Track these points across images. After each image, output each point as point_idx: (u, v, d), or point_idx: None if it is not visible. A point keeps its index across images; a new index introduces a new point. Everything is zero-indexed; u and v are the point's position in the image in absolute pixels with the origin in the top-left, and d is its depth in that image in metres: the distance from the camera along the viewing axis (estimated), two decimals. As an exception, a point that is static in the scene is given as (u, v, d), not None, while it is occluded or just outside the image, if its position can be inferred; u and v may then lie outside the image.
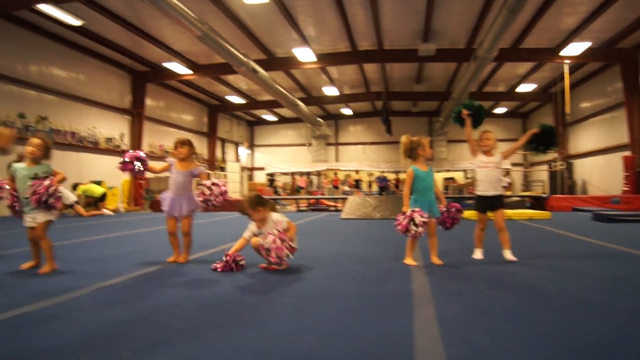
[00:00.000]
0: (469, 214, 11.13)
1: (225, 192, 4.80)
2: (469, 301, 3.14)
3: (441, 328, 2.49)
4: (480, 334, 2.41)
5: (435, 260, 4.68)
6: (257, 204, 4.41)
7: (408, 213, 4.50)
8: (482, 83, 22.38)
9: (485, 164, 4.92)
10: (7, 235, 7.87)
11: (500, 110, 28.41)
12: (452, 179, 28.15)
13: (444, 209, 4.85)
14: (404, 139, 4.82)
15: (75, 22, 13.39)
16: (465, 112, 5.09)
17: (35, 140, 4.39)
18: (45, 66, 15.79)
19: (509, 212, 11.42)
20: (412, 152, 4.76)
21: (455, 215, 4.88)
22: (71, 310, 2.95)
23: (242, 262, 4.45)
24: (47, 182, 4.18)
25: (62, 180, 4.44)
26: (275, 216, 4.47)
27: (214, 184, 4.76)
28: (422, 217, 4.44)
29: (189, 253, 5.02)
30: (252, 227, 4.52)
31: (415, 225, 4.41)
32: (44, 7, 12.28)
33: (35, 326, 2.57)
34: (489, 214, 4.90)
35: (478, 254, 5.00)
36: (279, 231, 4.28)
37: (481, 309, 2.90)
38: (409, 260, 4.65)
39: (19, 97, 14.81)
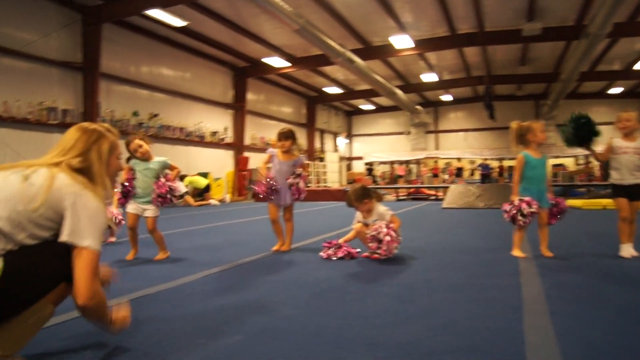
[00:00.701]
0: (577, 203, 10.42)
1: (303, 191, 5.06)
2: (583, 296, 2.96)
3: (554, 324, 2.38)
4: (596, 331, 2.27)
5: (545, 252, 4.45)
6: (364, 196, 4.47)
7: (516, 203, 4.31)
8: (595, 62, 20.74)
9: (623, 149, 4.38)
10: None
11: (615, 90, 26.25)
12: (561, 165, 26.52)
13: (552, 203, 4.53)
14: (513, 124, 4.60)
15: (181, 23, 14.12)
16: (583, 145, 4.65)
17: (138, 141, 4.60)
18: (155, 67, 16.89)
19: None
20: (522, 138, 4.53)
21: (557, 213, 4.51)
22: (185, 294, 3.16)
23: (355, 252, 4.53)
24: (168, 183, 4.50)
25: (178, 174, 4.74)
26: (381, 208, 4.50)
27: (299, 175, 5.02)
28: (530, 207, 4.23)
29: (291, 241, 5.18)
30: (359, 216, 4.59)
31: (523, 215, 4.22)
32: (152, 12, 13.09)
33: (154, 307, 2.78)
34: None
35: (626, 251, 4.37)
36: (387, 225, 4.27)
37: (596, 305, 2.73)
38: (516, 252, 4.46)
39: (132, 96, 16.00)
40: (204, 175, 17.48)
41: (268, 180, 4.97)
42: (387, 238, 4.15)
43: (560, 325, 2.36)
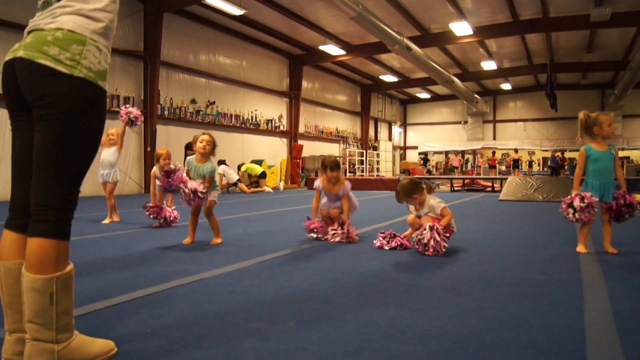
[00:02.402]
0: (639, 197, 9.95)
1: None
2: (651, 296, 2.82)
3: (617, 323, 2.28)
4: (666, 333, 2.16)
5: (609, 248, 4.26)
6: (413, 191, 4.38)
7: (569, 196, 4.16)
8: (669, 48, 19.62)
9: None
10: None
11: (690, 78, 24.75)
12: (627, 158, 25.31)
13: (615, 196, 4.26)
14: (581, 114, 4.39)
15: (238, 11, 14.32)
16: None
17: (205, 137, 4.74)
18: (213, 55, 17.22)
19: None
20: (588, 130, 4.34)
21: (622, 207, 4.19)
22: (239, 279, 3.22)
23: (409, 243, 4.52)
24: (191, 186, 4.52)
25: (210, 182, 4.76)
26: (432, 200, 4.42)
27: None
28: (583, 201, 4.05)
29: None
30: (411, 208, 4.55)
31: (574, 209, 4.05)
32: (211, 1, 13.32)
33: (210, 292, 2.86)
34: None
35: None
36: (431, 227, 4.14)
37: (666, 306, 2.60)
38: (580, 248, 4.29)
39: (191, 84, 16.40)
40: (259, 162, 17.72)
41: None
42: (432, 242, 4.09)
43: (623, 325, 2.26)
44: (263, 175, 16.15)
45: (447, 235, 4.24)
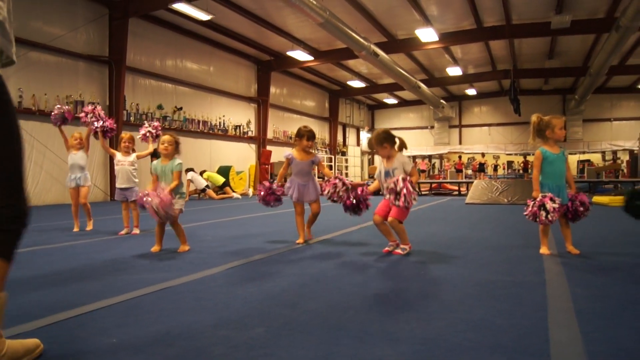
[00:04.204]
0: (603, 199, 10.25)
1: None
2: (609, 295, 2.91)
3: (579, 322, 2.34)
4: (624, 331, 2.23)
5: (571, 249, 4.38)
6: (384, 139, 4.48)
7: (539, 198, 4.25)
8: (625, 55, 20.28)
9: None
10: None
11: (646, 84, 25.68)
12: (588, 161, 26.06)
13: (570, 198, 4.39)
14: (533, 117, 4.51)
15: (205, 17, 14.21)
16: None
17: (166, 137, 4.71)
18: (180, 60, 17.06)
19: None
20: (540, 133, 4.46)
21: (578, 208, 4.33)
22: (208, 286, 3.19)
23: (368, 202, 4.82)
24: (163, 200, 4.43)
25: (174, 186, 4.69)
26: (403, 157, 4.50)
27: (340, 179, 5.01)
28: (554, 202, 4.16)
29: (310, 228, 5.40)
30: (380, 166, 4.63)
31: (547, 211, 4.15)
32: (178, 5, 13.19)
33: (178, 299, 2.82)
34: None
35: None
36: (404, 178, 4.23)
37: (624, 304, 2.68)
38: (543, 249, 4.38)
39: (158, 90, 16.20)
40: (227, 169, 17.64)
41: (269, 183, 5.31)
42: (404, 191, 4.13)
43: (585, 323, 2.32)
44: (225, 184, 16.04)
45: (414, 196, 4.26)
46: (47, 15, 12.40)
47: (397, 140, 4.55)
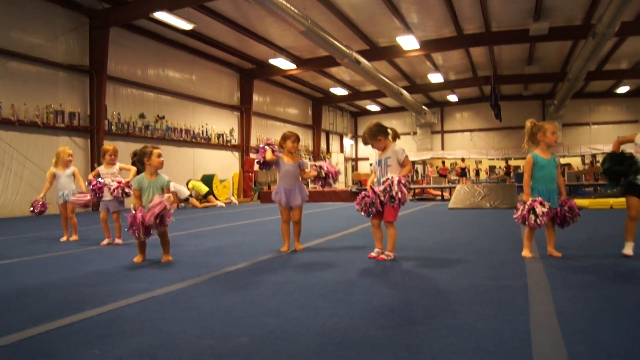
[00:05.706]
0: (584, 202, 10.39)
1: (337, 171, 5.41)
2: (591, 297, 2.95)
3: (561, 325, 2.37)
4: (605, 332, 2.26)
5: (553, 252, 4.44)
6: (378, 133, 4.54)
7: (529, 202, 4.29)
8: (602, 61, 20.68)
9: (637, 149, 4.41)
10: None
11: (622, 89, 26.15)
12: (568, 165, 26.42)
13: (560, 203, 4.46)
14: (528, 123, 4.58)
15: (187, 26, 14.17)
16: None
17: (159, 151, 4.68)
18: (162, 69, 16.98)
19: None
20: (532, 137, 4.53)
21: (566, 213, 4.41)
22: (191, 296, 3.17)
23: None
24: (163, 203, 4.43)
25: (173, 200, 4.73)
26: (396, 146, 4.55)
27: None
28: (543, 207, 4.21)
29: (299, 241, 5.31)
30: (375, 156, 4.69)
31: (536, 215, 4.19)
32: (160, 15, 13.14)
33: (162, 310, 2.80)
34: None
35: (629, 248, 4.38)
36: (399, 180, 4.28)
37: (604, 306, 2.72)
38: (526, 253, 4.44)
39: (139, 99, 16.10)
40: (210, 177, 17.56)
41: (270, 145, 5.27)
42: (399, 195, 4.23)
43: (567, 326, 2.36)
44: (209, 193, 15.98)
45: (409, 195, 4.40)
46: (26, 25, 12.27)
47: (389, 130, 4.61)
